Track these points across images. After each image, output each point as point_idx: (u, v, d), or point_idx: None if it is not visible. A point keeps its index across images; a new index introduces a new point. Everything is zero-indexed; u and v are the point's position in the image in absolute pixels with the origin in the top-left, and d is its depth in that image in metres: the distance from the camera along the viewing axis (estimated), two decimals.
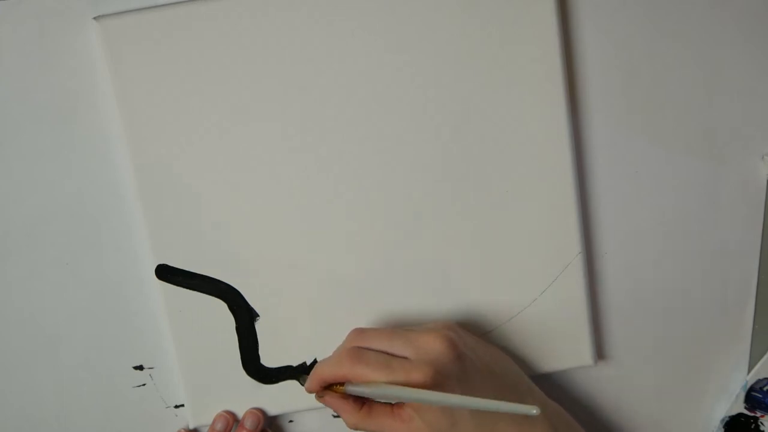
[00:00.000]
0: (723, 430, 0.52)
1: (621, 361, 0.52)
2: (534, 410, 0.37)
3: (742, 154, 0.50)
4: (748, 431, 0.52)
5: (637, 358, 0.51)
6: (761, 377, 0.51)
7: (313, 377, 0.45)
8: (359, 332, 0.45)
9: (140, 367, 0.50)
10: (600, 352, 0.51)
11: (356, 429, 0.44)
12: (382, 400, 0.44)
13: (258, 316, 0.49)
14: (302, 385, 0.49)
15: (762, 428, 0.52)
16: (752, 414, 0.51)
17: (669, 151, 0.49)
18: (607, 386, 0.52)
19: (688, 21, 0.48)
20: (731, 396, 0.52)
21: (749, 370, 0.51)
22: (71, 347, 0.50)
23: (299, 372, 0.49)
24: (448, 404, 0.41)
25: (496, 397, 0.43)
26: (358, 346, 0.44)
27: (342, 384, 0.44)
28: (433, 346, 0.43)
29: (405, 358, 0.43)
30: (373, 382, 0.42)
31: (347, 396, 0.44)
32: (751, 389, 0.51)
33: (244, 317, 0.48)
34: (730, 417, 0.52)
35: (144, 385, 0.51)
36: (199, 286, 0.48)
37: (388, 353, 0.43)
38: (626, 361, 0.52)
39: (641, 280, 0.51)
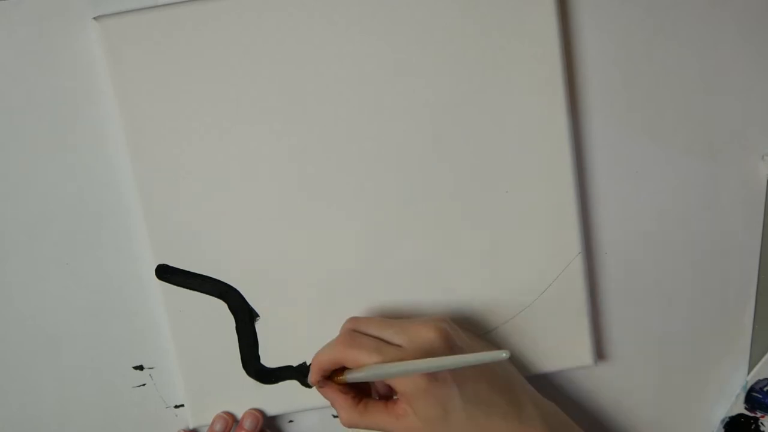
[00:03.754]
0: (723, 430, 0.52)
1: (621, 361, 0.52)
2: (504, 354, 0.38)
3: (742, 154, 0.50)
4: None
5: (637, 358, 0.51)
6: (761, 377, 0.51)
7: (312, 366, 0.45)
8: (354, 320, 0.46)
9: (140, 367, 0.50)
10: (600, 352, 0.51)
11: (351, 426, 0.45)
12: (377, 380, 0.44)
13: (258, 316, 0.49)
14: (303, 385, 0.49)
15: (762, 429, 0.52)
16: (752, 414, 0.51)
17: (669, 151, 0.49)
18: (607, 386, 0.52)
19: (688, 21, 0.48)
20: (731, 396, 0.52)
21: (749, 371, 0.51)
22: (71, 347, 0.50)
23: (299, 372, 0.49)
24: (428, 369, 0.41)
25: (490, 392, 0.44)
26: (353, 330, 0.45)
27: (342, 374, 0.44)
28: (426, 335, 0.43)
29: (398, 345, 0.43)
30: (368, 365, 0.42)
31: (346, 391, 0.45)
32: (752, 389, 0.51)
33: (244, 317, 0.48)
34: (730, 417, 0.52)
35: (144, 385, 0.51)
36: (199, 286, 0.48)
37: (381, 340, 0.44)
38: (626, 361, 0.52)
39: (641, 280, 0.51)
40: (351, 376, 0.44)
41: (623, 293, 0.51)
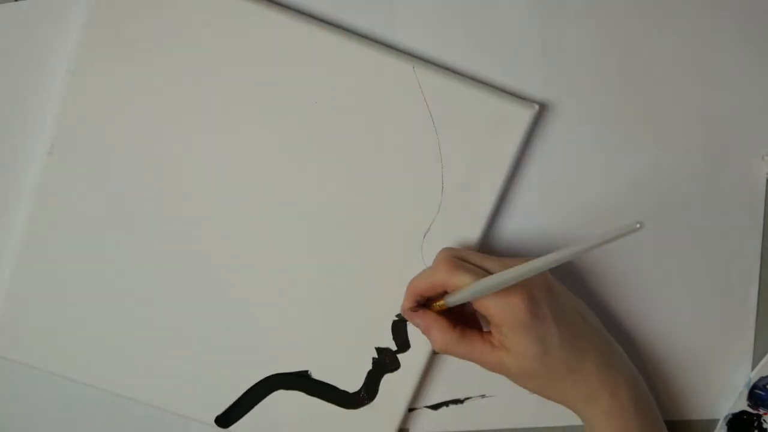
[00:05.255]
0: (726, 427, 0.52)
1: None
2: (638, 224, 0.34)
3: (742, 154, 0.50)
4: (751, 429, 0.52)
5: (638, 358, 0.51)
6: (764, 375, 0.51)
7: (408, 292, 0.44)
8: (450, 249, 0.45)
9: None
10: None
11: (445, 351, 0.44)
12: (481, 295, 0.42)
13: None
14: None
15: (765, 426, 0.52)
16: (755, 411, 0.52)
17: (669, 150, 0.49)
18: None
19: (687, 20, 0.48)
20: (734, 394, 0.52)
21: (752, 368, 0.52)
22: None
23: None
24: (556, 262, 0.38)
25: (585, 337, 0.44)
26: (453, 257, 0.43)
27: (439, 300, 0.43)
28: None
29: None
30: (469, 285, 0.41)
31: (442, 316, 0.44)
32: (755, 387, 0.52)
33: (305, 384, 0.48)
34: (733, 414, 0.52)
35: None
36: (253, 401, 0.48)
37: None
38: None
39: (642, 279, 0.51)
40: (453, 299, 0.42)
41: (623, 293, 0.51)
